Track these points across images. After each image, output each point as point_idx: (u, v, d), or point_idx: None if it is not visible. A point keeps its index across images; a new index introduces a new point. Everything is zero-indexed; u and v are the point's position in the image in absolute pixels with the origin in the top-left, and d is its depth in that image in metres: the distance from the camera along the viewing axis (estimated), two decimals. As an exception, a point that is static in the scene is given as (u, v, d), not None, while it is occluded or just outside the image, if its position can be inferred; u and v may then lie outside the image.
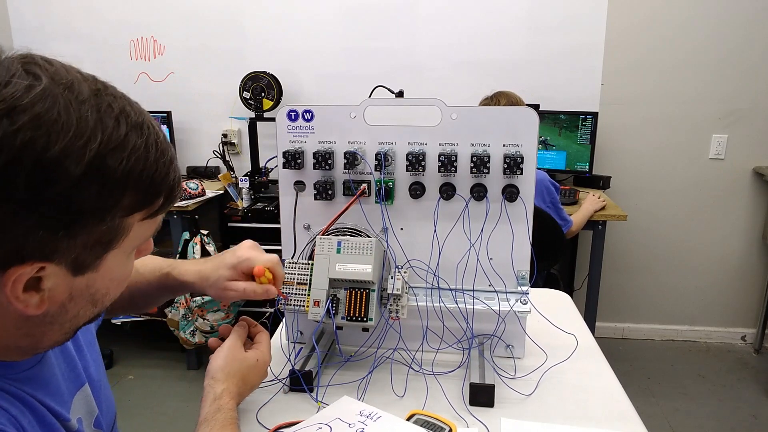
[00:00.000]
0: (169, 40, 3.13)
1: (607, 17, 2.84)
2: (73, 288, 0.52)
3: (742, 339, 3.11)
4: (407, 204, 1.00)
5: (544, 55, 2.92)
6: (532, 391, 0.95)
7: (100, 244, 0.51)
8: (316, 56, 3.05)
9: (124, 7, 3.10)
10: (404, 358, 1.04)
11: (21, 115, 0.42)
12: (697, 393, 2.63)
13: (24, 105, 0.43)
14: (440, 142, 0.97)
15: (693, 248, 3.05)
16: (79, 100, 0.46)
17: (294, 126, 1.00)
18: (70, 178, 0.44)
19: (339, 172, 1.00)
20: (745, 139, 2.89)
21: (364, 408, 0.87)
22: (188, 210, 2.65)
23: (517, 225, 0.99)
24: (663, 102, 2.90)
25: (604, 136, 2.91)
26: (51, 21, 3.16)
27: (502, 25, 2.92)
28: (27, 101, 0.43)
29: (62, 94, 0.45)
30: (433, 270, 1.02)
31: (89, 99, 0.47)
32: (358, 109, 0.98)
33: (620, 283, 3.12)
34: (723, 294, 3.09)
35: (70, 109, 0.45)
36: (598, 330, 2.95)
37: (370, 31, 3.01)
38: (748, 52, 2.80)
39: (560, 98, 2.90)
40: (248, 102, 2.94)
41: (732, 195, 2.96)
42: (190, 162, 3.22)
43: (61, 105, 0.44)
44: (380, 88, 2.53)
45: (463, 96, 2.91)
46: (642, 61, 2.87)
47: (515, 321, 1.02)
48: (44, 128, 0.43)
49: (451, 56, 2.98)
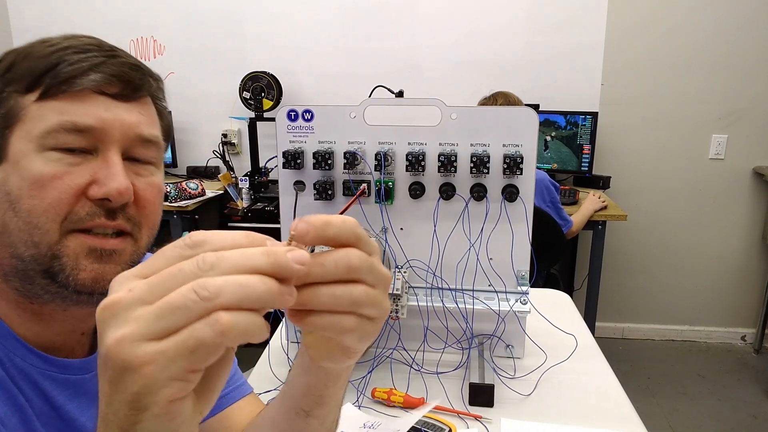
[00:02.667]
0: (169, 40, 3.13)
1: (607, 17, 2.84)
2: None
3: (742, 339, 3.11)
4: (407, 204, 1.00)
5: (544, 55, 2.92)
6: (531, 391, 0.95)
7: (2, 121, 0.54)
8: (316, 56, 3.05)
9: (124, 7, 3.10)
10: (404, 358, 1.04)
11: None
12: (697, 393, 2.63)
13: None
14: (440, 142, 0.97)
15: (693, 248, 3.05)
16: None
17: (294, 126, 1.00)
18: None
19: (339, 172, 1.00)
20: (745, 139, 2.89)
21: (367, 420, 0.87)
22: (188, 210, 2.65)
23: (516, 225, 0.99)
24: (663, 102, 2.90)
25: (604, 136, 2.91)
26: (51, 21, 3.15)
27: (502, 25, 2.92)
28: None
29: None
30: (433, 270, 1.02)
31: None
32: (358, 109, 0.98)
33: (620, 283, 3.12)
34: (723, 294, 3.09)
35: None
36: (598, 330, 2.95)
37: (370, 31, 3.01)
38: (747, 52, 2.80)
39: (560, 98, 2.90)
40: (248, 102, 2.94)
41: (732, 195, 2.96)
42: (190, 162, 3.22)
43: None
44: (380, 88, 2.53)
45: (462, 96, 2.91)
46: (642, 61, 2.87)
47: (515, 321, 1.02)
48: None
49: (451, 56, 2.98)
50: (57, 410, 0.59)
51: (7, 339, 0.56)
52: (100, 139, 0.54)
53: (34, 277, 0.54)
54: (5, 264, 0.55)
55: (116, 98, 0.55)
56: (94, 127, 0.53)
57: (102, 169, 0.54)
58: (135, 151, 0.57)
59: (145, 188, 0.57)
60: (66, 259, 0.53)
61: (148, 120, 0.58)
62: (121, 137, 0.55)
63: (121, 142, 0.55)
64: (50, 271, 0.54)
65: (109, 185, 0.53)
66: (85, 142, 0.54)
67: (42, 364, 0.58)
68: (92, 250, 0.54)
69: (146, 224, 0.58)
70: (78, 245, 0.54)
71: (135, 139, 0.56)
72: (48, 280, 0.54)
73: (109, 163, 0.54)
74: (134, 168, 0.57)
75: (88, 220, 0.54)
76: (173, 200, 2.62)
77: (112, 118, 0.54)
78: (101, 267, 0.55)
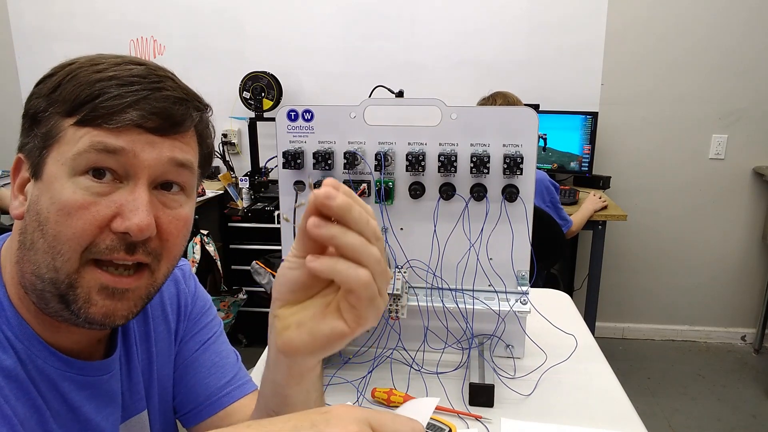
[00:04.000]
0: (169, 40, 3.13)
1: (607, 17, 2.84)
2: (30, 195, 0.56)
3: (742, 339, 3.11)
4: (407, 204, 1.00)
5: (544, 55, 2.92)
6: (531, 391, 0.95)
7: (41, 140, 0.55)
8: (316, 56, 3.05)
9: (124, 7, 3.10)
10: (404, 358, 1.04)
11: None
12: (697, 393, 2.63)
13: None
14: (440, 142, 0.97)
15: (693, 248, 3.05)
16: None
17: (294, 126, 1.00)
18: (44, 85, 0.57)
19: (339, 172, 1.00)
20: (745, 139, 2.89)
21: None
22: (188, 210, 2.65)
23: (517, 225, 0.99)
24: (663, 102, 2.90)
25: (604, 136, 2.91)
26: (51, 21, 3.15)
27: (502, 25, 2.92)
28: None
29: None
30: (433, 270, 1.02)
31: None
32: (358, 109, 0.98)
33: (620, 283, 3.12)
34: (723, 294, 3.09)
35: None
36: (598, 330, 2.95)
37: (370, 30, 3.01)
38: (748, 52, 2.80)
39: (560, 98, 2.90)
40: (248, 102, 2.94)
41: (732, 195, 2.96)
42: (190, 162, 3.22)
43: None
44: (380, 88, 2.53)
45: (462, 96, 2.91)
46: (642, 61, 2.87)
47: (515, 321, 1.02)
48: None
49: (451, 56, 2.98)
50: (74, 411, 0.61)
51: (30, 341, 0.58)
52: (130, 163, 0.54)
53: (49, 300, 0.55)
54: (27, 278, 0.56)
55: (154, 133, 0.55)
56: (125, 149, 0.53)
57: (128, 202, 0.54)
58: (167, 175, 0.57)
59: (170, 222, 0.57)
60: (80, 290, 0.54)
61: (184, 146, 0.58)
62: (155, 164, 0.55)
63: (152, 168, 0.55)
64: (65, 298, 0.55)
65: (131, 220, 0.53)
66: (115, 164, 0.53)
67: (62, 366, 0.60)
68: (104, 288, 0.55)
69: (166, 257, 0.59)
70: (92, 279, 0.54)
71: (168, 164, 0.56)
72: (62, 305, 0.55)
73: (136, 197, 0.54)
74: (163, 199, 0.57)
75: (107, 253, 0.54)
76: (173, 200, 2.62)
77: (146, 144, 0.54)
78: (113, 304, 0.56)
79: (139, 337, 0.72)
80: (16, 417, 0.54)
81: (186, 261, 0.83)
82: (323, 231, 0.39)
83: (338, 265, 0.40)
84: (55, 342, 0.60)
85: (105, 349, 0.67)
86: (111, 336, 0.68)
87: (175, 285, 0.78)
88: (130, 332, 0.71)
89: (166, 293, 0.77)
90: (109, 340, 0.67)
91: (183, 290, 0.79)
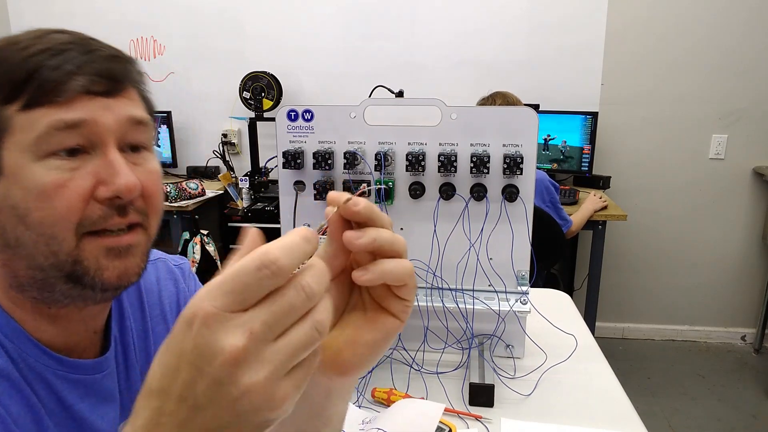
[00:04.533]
0: (169, 40, 3.13)
1: (607, 17, 2.84)
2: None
3: (742, 339, 3.11)
4: (407, 204, 1.00)
5: (544, 55, 2.92)
6: (531, 391, 0.95)
7: None
8: (315, 56, 3.05)
9: (124, 7, 3.10)
10: (404, 358, 1.04)
11: None
12: (697, 393, 2.63)
13: None
14: (440, 142, 0.97)
15: (693, 248, 3.05)
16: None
17: (294, 126, 1.00)
18: None
19: (339, 172, 1.00)
20: (745, 139, 2.89)
21: (365, 416, 0.87)
22: (188, 210, 2.65)
23: (516, 225, 0.99)
24: (663, 102, 2.90)
25: (604, 136, 2.90)
26: (51, 21, 3.12)
27: (502, 25, 2.92)
28: None
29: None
30: (433, 270, 1.02)
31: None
32: (358, 109, 0.98)
33: (620, 283, 3.12)
34: (723, 294, 3.09)
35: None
36: (598, 330, 2.95)
37: (370, 30, 3.01)
38: (748, 52, 2.80)
39: (560, 98, 2.90)
40: (248, 102, 2.94)
41: (732, 195, 2.96)
42: (190, 162, 3.22)
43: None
44: (380, 88, 2.53)
45: (462, 96, 2.91)
46: (642, 61, 2.87)
47: (515, 321, 1.02)
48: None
49: (451, 56, 2.98)
50: (68, 410, 0.60)
51: (21, 341, 0.58)
52: (94, 133, 0.53)
53: (55, 284, 0.55)
54: (21, 276, 0.56)
55: (104, 96, 0.54)
56: (86, 120, 0.52)
57: (104, 168, 0.53)
58: (129, 136, 0.56)
59: (147, 177, 0.57)
60: (87, 262, 0.54)
61: (135, 103, 0.58)
62: (116, 127, 0.54)
63: (116, 133, 0.54)
64: (73, 276, 0.54)
65: (117, 183, 0.53)
66: (80, 139, 0.53)
67: (55, 365, 0.59)
68: (110, 250, 0.55)
69: (153, 213, 0.59)
70: (95, 248, 0.54)
71: (128, 124, 0.55)
72: (71, 284, 0.55)
73: (111, 161, 0.53)
74: (131, 158, 0.57)
75: (101, 223, 0.54)
76: (173, 200, 2.62)
77: (102, 109, 0.54)
78: (123, 263, 0.55)
79: (137, 335, 0.72)
80: (10, 416, 0.54)
81: (185, 260, 0.83)
82: (364, 238, 0.38)
83: (386, 266, 0.39)
84: (48, 340, 0.59)
85: (100, 345, 0.66)
86: (105, 334, 0.67)
87: (174, 284, 0.77)
88: (127, 331, 0.70)
89: (165, 293, 0.76)
90: (103, 339, 0.67)
91: (183, 290, 0.78)
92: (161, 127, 3.03)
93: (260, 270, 0.30)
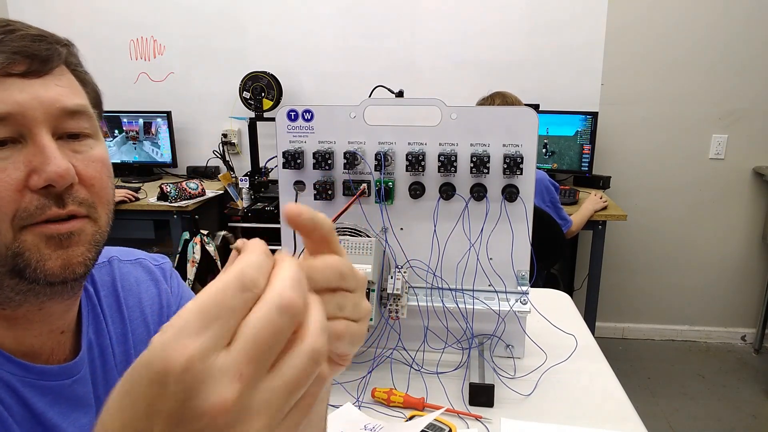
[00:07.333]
0: (169, 40, 3.13)
1: (607, 17, 2.85)
2: None
3: (742, 339, 3.11)
4: (407, 204, 1.00)
5: (544, 55, 2.92)
6: (531, 391, 0.95)
7: None
8: (315, 56, 3.05)
9: (124, 7, 3.10)
10: (404, 358, 1.04)
11: None
12: (697, 393, 2.63)
13: None
14: (440, 142, 0.97)
15: (693, 248, 3.05)
16: None
17: (294, 126, 1.00)
18: None
19: (339, 172, 1.00)
20: (745, 139, 2.89)
21: (368, 422, 0.87)
22: (188, 210, 2.65)
23: (516, 225, 0.99)
24: (663, 102, 2.90)
25: (604, 136, 2.91)
26: (51, 21, 3.15)
27: (502, 25, 2.92)
28: None
29: None
30: (433, 270, 1.02)
31: None
32: (358, 109, 0.98)
33: (620, 283, 3.12)
34: (723, 294, 3.09)
35: None
36: (598, 330, 2.95)
37: (370, 30, 3.01)
38: (748, 52, 2.80)
39: (560, 98, 2.90)
40: (248, 102, 2.95)
41: (732, 195, 2.96)
42: (190, 162, 3.22)
43: None
44: (380, 88, 2.52)
45: (462, 96, 2.91)
46: (642, 61, 2.87)
47: (515, 321, 1.02)
48: None
49: (451, 56, 2.98)
50: (38, 417, 0.58)
51: None
52: (22, 124, 0.50)
53: (1, 280, 0.52)
54: None
55: (26, 76, 0.51)
56: (12, 113, 0.50)
57: (35, 155, 0.50)
58: (64, 126, 0.53)
59: (87, 165, 0.54)
60: (28, 253, 0.51)
61: (69, 90, 0.55)
62: (45, 116, 0.52)
63: (47, 121, 0.52)
64: (16, 269, 0.51)
65: (47, 170, 0.50)
66: (8, 131, 0.50)
67: (20, 372, 0.56)
68: (50, 238, 0.52)
69: (100, 202, 0.56)
70: (35, 237, 0.51)
71: (59, 114, 0.53)
72: (16, 279, 0.52)
73: (41, 148, 0.50)
74: (70, 146, 0.54)
75: (39, 214, 0.51)
76: (173, 200, 2.62)
77: (29, 98, 0.51)
78: (65, 252, 0.53)
79: (116, 340, 0.69)
80: None
81: (166, 259, 0.79)
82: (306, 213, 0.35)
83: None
84: (12, 344, 0.57)
85: (71, 346, 0.63)
86: (77, 331, 0.64)
87: (155, 285, 0.75)
88: (104, 334, 0.67)
89: (145, 294, 0.73)
90: (76, 342, 0.64)
91: (165, 290, 0.75)
92: (161, 127, 3.03)
93: (244, 292, 0.26)
